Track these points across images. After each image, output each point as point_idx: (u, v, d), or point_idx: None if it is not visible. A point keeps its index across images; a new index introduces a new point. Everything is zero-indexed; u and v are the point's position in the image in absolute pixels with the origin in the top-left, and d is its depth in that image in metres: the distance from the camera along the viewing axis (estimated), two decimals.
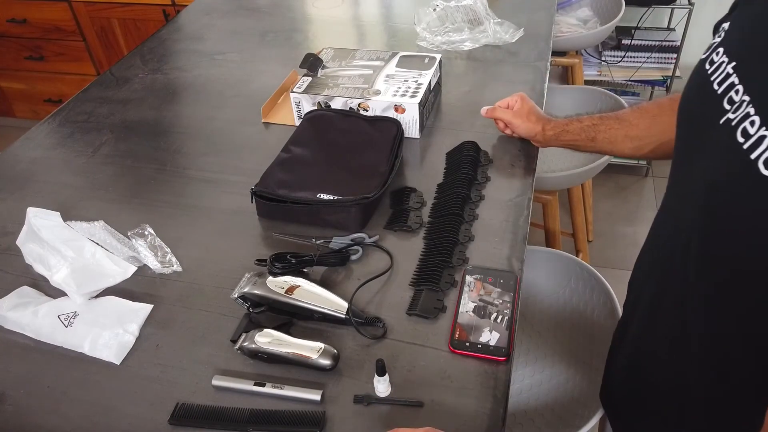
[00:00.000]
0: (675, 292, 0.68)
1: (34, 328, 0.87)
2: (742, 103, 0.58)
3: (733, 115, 0.58)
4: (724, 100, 0.60)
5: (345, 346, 0.83)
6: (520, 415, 1.05)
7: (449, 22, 1.58)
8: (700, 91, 0.66)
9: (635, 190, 2.57)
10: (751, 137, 0.54)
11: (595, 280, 1.19)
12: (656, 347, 0.75)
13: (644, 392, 0.80)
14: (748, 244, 0.55)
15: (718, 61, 0.64)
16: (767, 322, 0.56)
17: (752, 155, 0.53)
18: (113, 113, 1.38)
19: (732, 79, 0.61)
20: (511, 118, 1.15)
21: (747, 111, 0.56)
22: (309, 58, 1.31)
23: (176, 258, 0.98)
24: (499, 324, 0.84)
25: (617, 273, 2.21)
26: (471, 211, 1.03)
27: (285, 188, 1.03)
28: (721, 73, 0.63)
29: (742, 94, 0.58)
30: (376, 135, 1.14)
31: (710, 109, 0.62)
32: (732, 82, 0.60)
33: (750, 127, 0.55)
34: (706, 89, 0.64)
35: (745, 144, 0.55)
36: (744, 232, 0.55)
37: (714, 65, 0.65)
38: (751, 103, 0.56)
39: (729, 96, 0.60)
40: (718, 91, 0.62)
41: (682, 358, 0.69)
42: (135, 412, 0.78)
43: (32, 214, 0.97)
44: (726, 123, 0.59)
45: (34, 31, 2.71)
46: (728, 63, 0.62)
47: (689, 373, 0.69)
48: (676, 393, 0.73)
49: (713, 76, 0.64)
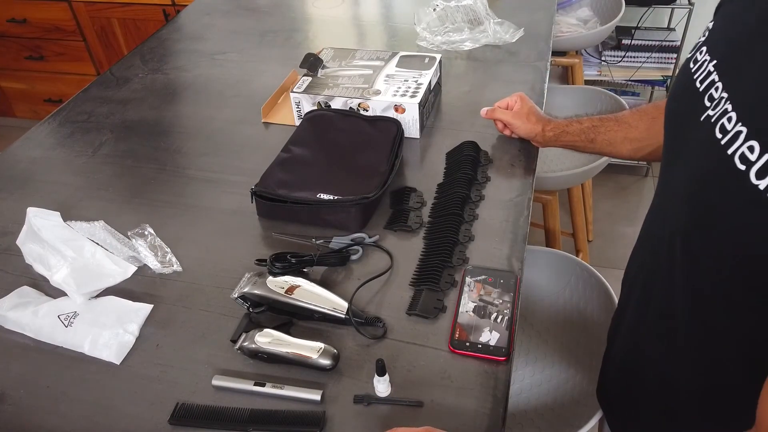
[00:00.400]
0: (663, 289, 0.69)
1: (34, 328, 0.87)
2: (720, 100, 0.59)
3: (712, 112, 0.59)
4: (705, 97, 0.62)
5: (345, 346, 0.83)
6: (520, 415, 1.05)
7: (449, 22, 1.58)
8: (685, 90, 0.67)
9: (635, 190, 2.57)
10: (728, 133, 0.55)
11: (595, 280, 1.19)
12: (647, 343, 0.76)
13: (636, 388, 0.81)
14: (728, 239, 0.56)
15: (701, 60, 0.65)
16: (751, 315, 0.57)
17: (729, 150, 0.54)
18: (113, 113, 1.38)
19: (713, 76, 0.62)
20: (511, 119, 1.15)
21: (725, 108, 0.57)
22: (309, 58, 1.31)
23: (176, 258, 0.98)
24: (499, 324, 0.84)
25: (617, 273, 2.19)
26: (471, 211, 1.03)
27: (285, 188, 1.03)
28: (703, 71, 0.64)
29: (721, 91, 0.59)
30: (376, 135, 1.14)
31: (693, 106, 0.63)
32: (713, 80, 0.62)
33: (727, 123, 0.56)
34: (690, 88, 0.65)
35: (722, 140, 0.56)
36: (724, 228, 0.56)
37: (697, 64, 0.66)
38: (729, 100, 0.57)
39: (709, 93, 0.61)
40: (700, 88, 0.63)
41: (672, 354, 0.70)
42: (135, 412, 0.78)
43: (32, 214, 0.97)
44: (706, 120, 0.60)
45: (34, 31, 2.71)
46: (710, 61, 0.64)
47: (679, 369, 0.69)
48: (666, 388, 0.73)
49: (696, 74, 0.65)
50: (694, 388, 0.69)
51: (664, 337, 0.71)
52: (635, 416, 0.83)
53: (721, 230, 0.56)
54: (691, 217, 0.61)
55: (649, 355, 0.76)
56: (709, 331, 0.63)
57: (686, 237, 0.62)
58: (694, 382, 0.68)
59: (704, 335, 0.64)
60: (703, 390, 0.68)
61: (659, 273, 0.70)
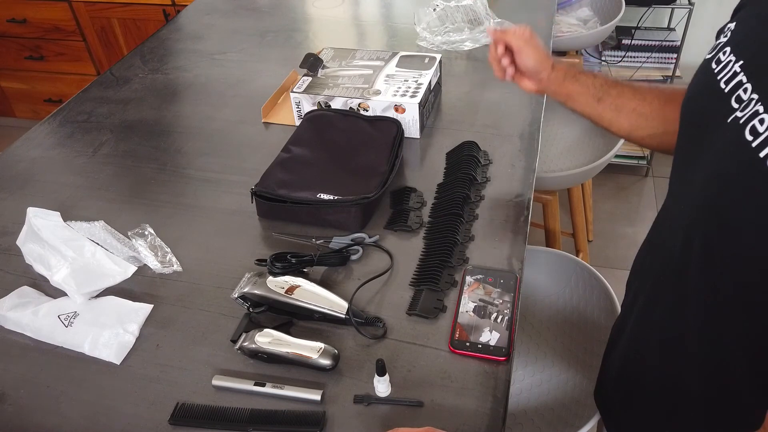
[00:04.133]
0: (674, 291, 0.68)
1: (34, 328, 0.87)
2: (750, 102, 0.57)
3: (741, 114, 0.58)
4: (732, 98, 0.60)
5: (345, 346, 0.83)
6: (520, 415, 1.05)
7: (449, 22, 1.58)
8: (706, 90, 0.66)
9: (635, 190, 2.57)
10: (760, 135, 0.54)
11: (595, 280, 1.19)
12: (652, 346, 0.75)
13: (637, 392, 0.80)
14: (755, 241, 0.55)
15: (725, 60, 0.64)
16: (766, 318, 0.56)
17: (761, 153, 0.53)
18: (113, 113, 1.38)
19: (740, 77, 0.60)
20: (524, 45, 0.97)
21: (756, 109, 0.56)
22: (309, 58, 1.31)
23: (176, 258, 0.98)
24: (499, 324, 0.84)
25: (617, 273, 2.21)
26: (471, 211, 1.03)
27: (285, 188, 1.03)
28: (728, 71, 0.62)
29: (750, 92, 0.58)
30: (376, 135, 1.14)
31: (717, 107, 0.62)
32: (740, 81, 0.60)
33: (759, 126, 0.55)
34: (713, 88, 0.64)
35: (753, 142, 0.55)
36: (751, 230, 0.55)
37: (721, 64, 0.64)
38: (760, 101, 0.56)
39: (737, 94, 0.60)
40: (725, 89, 0.62)
41: (679, 357, 0.70)
42: (135, 412, 0.78)
43: (32, 214, 0.97)
44: (734, 121, 0.58)
45: (34, 31, 2.71)
46: (735, 62, 0.62)
47: (685, 372, 0.69)
48: (670, 392, 0.73)
49: (720, 74, 0.64)
50: (699, 393, 0.68)
51: (673, 341, 0.70)
52: (635, 421, 0.83)
53: (748, 232, 0.56)
54: (714, 219, 0.60)
55: (654, 358, 0.75)
56: (721, 335, 0.62)
57: (707, 239, 0.61)
58: (700, 387, 0.68)
59: (715, 339, 0.63)
60: (709, 393, 0.67)
61: (670, 277, 0.69)
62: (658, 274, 0.73)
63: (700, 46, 2.51)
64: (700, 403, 0.69)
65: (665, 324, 0.71)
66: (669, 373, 0.72)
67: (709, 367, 0.66)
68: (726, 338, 0.62)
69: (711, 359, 0.65)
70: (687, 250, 0.64)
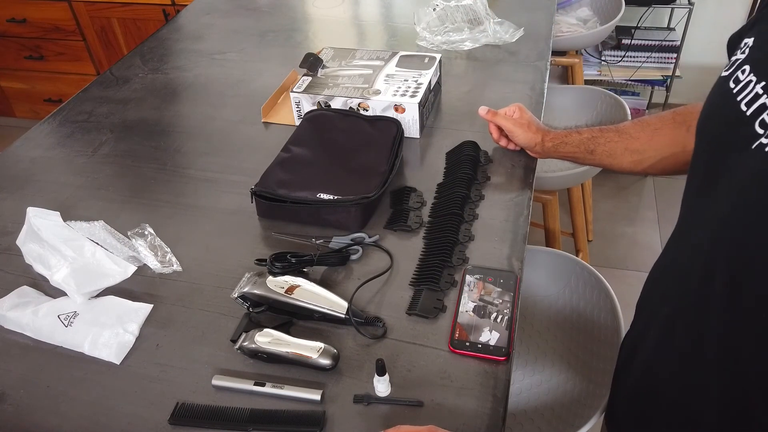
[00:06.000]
0: (693, 315, 0.65)
1: (34, 328, 0.87)
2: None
3: (766, 140, 0.55)
4: (756, 123, 0.56)
5: (345, 346, 0.83)
6: (520, 415, 1.05)
7: (449, 22, 1.58)
8: (724, 112, 0.62)
9: (635, 190, 2.57)
10: None
11: (595, 280, 1.18)
12: (669, 369, 0.72)
13: (654, 417, 0.77)
14: None
15: (744, 80, 0.60)
16: None
17: None
18: (113, 113, 1.38)
19: (763, 99, 0.56)
20: (513, 127, 1.11)
21: None
22: (309, 58, 1.31)
23: (176, 258, 0.98)
24: (499, 324, 0.84)
25: (617, 273, 2.21)
26: (471, 211, 1.03)
27: (285, 188, 1.03)
28: (749, 93, 0.59)
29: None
30: (376, 135, 1.14)
31: (739, 131, 0.58)
32: (764, 104, 0.56)
33: None
34: (733, 110, 0.60)
35: None
36: None
37: (740, 84, 0.60)
38: None
39: (761, 119, 0.56)
40: (747, 112, 0.58)
41: (697, 380, 0.67)
42: (135, 412, 0.78)
43: (32, 214, 0.97)
44: (759, 148, 0.55)
45: (34, 31, 2.71)
46: (757, 82, 0.58)
47: (703, 395, 0.66)
48: (688, 417, 0.70)
49: (740, 96, 0.60)
50: (718, 416, 0.66)
51: (691, 362, 0.67)
52: None
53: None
54: (740, 248, 0.57)
55: (672, 381, 0.72)
56: (743, 356, 0.60)
57: (730, 267, 0.58)
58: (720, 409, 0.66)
59: (737, 361, 0.60)
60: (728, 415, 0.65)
61: (689, 306, 0.66)
62: (674, 302, 0.70)
63: (700, 45, 2.52)
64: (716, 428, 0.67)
65: (684, 352, 0.68)
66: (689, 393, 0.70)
67: (727, 395, 0.64)
68: (747, 361, 0.60)
69: (731, 381, 0.63)
70: (708, 277, 0.61)
